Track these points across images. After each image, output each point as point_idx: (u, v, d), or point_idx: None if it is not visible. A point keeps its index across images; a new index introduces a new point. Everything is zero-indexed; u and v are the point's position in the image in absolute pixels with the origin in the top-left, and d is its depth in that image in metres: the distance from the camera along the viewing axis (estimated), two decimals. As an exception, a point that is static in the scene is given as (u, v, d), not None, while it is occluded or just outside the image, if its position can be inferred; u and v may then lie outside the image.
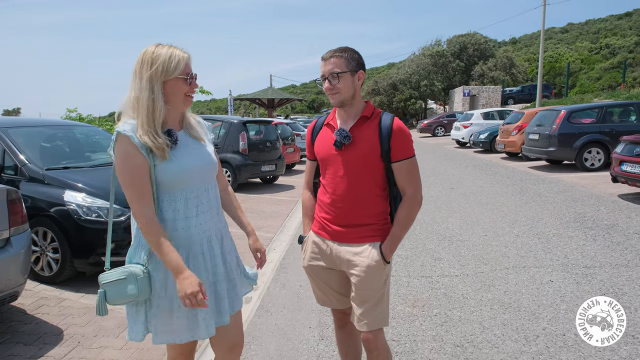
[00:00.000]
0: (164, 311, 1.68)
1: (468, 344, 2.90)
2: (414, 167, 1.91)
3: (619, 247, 4.71)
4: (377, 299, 1.92)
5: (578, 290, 3.66)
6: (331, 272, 2.04)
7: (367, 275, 1.88)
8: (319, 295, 2.15)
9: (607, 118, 10.40)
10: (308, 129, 2.12)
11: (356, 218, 1.92)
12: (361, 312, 1.91)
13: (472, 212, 6.59)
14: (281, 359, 2.80)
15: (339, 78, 1.83)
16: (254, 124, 10.01)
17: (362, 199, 1.91)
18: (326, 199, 1.97)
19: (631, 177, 6.68)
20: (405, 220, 1.91)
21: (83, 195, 3.95)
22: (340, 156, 1.90)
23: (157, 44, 1.68)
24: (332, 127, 1.96)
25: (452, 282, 3.95)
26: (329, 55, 1.87)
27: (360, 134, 1.89)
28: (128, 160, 1.59)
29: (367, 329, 1.91)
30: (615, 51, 50.57)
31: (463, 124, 18.65)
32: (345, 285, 2.04)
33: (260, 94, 28.11)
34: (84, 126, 5.84)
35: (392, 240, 1.90)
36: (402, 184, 1.92)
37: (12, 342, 2.96)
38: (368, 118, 1.91)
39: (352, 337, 2.19)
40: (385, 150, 1.86)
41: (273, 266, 4.62)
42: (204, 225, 1.73)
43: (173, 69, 1.63)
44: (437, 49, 41.94)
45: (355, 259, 1.91)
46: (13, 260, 2.93)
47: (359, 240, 1.92)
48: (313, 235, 2.08)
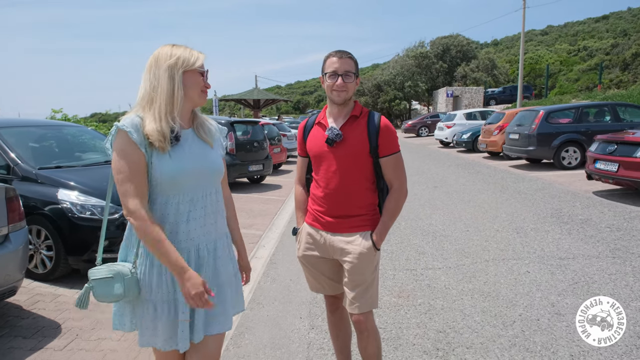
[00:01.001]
0: (149, 314, 1.63)
1: (450, 329, 3.09)
2: (399, 161, 2.08)
3: (591, 240, 4.98)
4: (368, 284, 2.07)
5: (552, 279, 3.89)
6: (324, 260, 2.18)
7: (359, 261, 2.03)
8: (312, 283, 2.30)
9: (583, 118, 10.80)
10: (300, 127, 2.24)
11: (348, 209, 2.06)
12: (353, 295, 2.06)
13: (455, 209, 6.83)
14: (274, 347, 2.95)
15: (351, 77, 1.98)
16: (241, 124, 10.12)
17: (353, 192, 2.05)
18: (319, 193, 2.11)
19: (604, 175, 7.00)
20: (393, 210, 2.07)
21: (76, 194, 4.02)
22: (331, 153, 2.03)
23: (172, 45, 1.66)
24: (323, 125, 2.09)
25: (436, 274, 4.14)
26: (345, 55, 1.99)
27: (351, 132, 2.03)
28: (125, 156, 1.53)
29: (358, 311, 2.07)
30: (592, 53, 51.96)
31: (446, 124, 19.02)
32: (337, 273, 2.20)
33: (246, 95, 28.13)
34: (73, 126, 5.89)
35: (382, 229, 2.06)
36: (389, 178, 2.08)
37: (11, 335, 3.04)
38: (357, 117, 2.06)
39: (342, 321, 2.35)
40: (374, 146, 2.01)
41: (263, 262, 4.76)
42: (193, 233, 1.63)
43: (194, 61, 1.62)
44: (420, 51, 42.51)
45: (348, 247, 2.05)
46: (12, 256, 3.02)
47: (351, 230, 2.06)
48: (307, 226, 2.21)
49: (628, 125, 9.76)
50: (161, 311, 1.61)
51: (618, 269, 4.08)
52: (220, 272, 1.71)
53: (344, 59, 1.98)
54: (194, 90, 1.64)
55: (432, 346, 2.87)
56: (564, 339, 2.89)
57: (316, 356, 2.81)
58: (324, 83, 2.04)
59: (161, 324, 1.62)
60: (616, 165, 6.76)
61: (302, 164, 2.27)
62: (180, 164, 1.58)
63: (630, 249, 4.61)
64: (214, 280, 1.69)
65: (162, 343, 1.63)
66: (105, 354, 2.82)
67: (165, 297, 1.62)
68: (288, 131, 15.78)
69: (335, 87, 1.98)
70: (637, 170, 6.46)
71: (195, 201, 1.63)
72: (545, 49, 61.80)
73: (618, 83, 32.85)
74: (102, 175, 4.38)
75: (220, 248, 1.73)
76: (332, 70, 1.97)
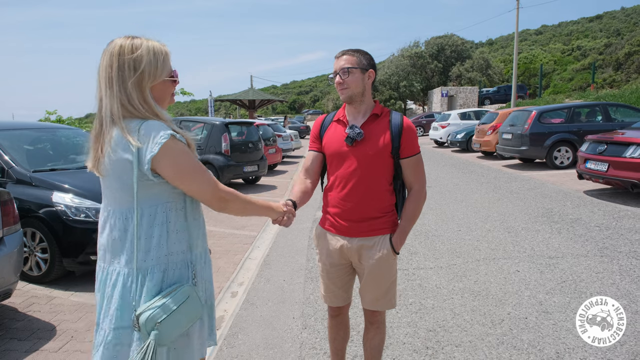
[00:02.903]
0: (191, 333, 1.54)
1: (440, 328, 3.15)
2: (420, 163, 2.06)
3: (580, 239, 5.06)
4: (387, 286, 2.09)
5: (541, 278, 3.96)
6: (340, 267, 2.13)
7: (379, 265, 2.02)
8: (329, 294, 2.20)
9: (575, 118, 10.91)
10: (316, 122, 2.19)
11: (366, 212, 2.01)
12: (374, 298, 2.08)
13: (448, 209, 6.90)
14: (267, 347, 2.99)
15: (349, 73, 1.93)
16: (236, 125, 10.15)
17: (372, 193, 2.00)
18: (336, 194, 2.05)
19: (594, 174, 7.09)
20: (413, 214, 2.05)
21: (71, 196, 4.05)
22: (351, 152, 1.98)
23: (128, 37, 1.48)
24: (343, 123, 2.04)
25: (427, 274, 4.20)
26: (342, 53, 1.99)
27: (372, 131, 1.98)
28: (189, 152, 1.49)
29: (378, 309, 2.12)
30: (586, 53, 52.25)
31: (441, 124, 19.13)
32: (349, 282, 2.19)
33: (242, 95, 28.10)
34: (67, 129, 5.90)
35: (402, 233, 2.04)
36: (409, 179, 2.05)
37: (7, 337, 3.07)
38: (378, 116, 2.01)
39: (343, 325, 2.32)
40: (396, 147, 1.97)
41: (257, 262, 4.80)
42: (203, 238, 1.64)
43: (161, 70, 1.47)
44: (415, 50, 42.67)
45: (367, 252, 2.03)
46: (6, 259, 3.05)
47: (371, 233, 2.03)
48: (322, 231, 2.16)
49: (619, 125, 9.87)
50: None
51: (605, 267, 4.16)
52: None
53: (340, 57, 1.97)
54: (164, 100, 1.59)
55: (422, 345, 2.93)
56: (550, 337, 2.96)
57: (308, 355, 2.86)
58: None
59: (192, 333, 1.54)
60: (606, 165, 6.85)
61: (312, 157, 2.15)
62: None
63: (617, 248, 4.69)
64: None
65: (196, 352, 1.58)
66: (100, 355, 2.86)
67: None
68: (283, 132, 15.80)
69: (336, 86, 1.99)
70: (626, 170, 6.55)
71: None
72: (539, 49, 62.13)
73: (611, 82, 33.09)
74: (96, 177, 4.39)
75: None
76: (333, 70, 2.00)
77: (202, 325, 1.60)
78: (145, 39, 1.49)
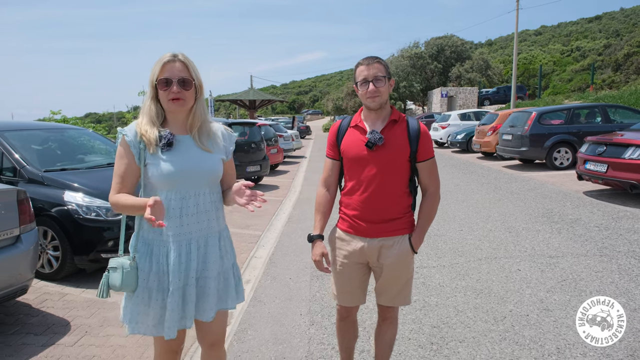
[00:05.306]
0: (143, 302, 1.77)
1: (443, 325, 3.24)
2: (434, 166, 2.15)
3: (580, 239, 5.16)
4: (404, 283, 2.19)
5: (542, 277, 4.06)
6: (358, 267, 2.19)
7: (398, 264, 2.12)
8: (342, 294, 2.23)
9: (575, 119, 11.01)
10: (332, 129, 2.23)
11: (386, 213, 2.09)
12: (391, 295, 2.18)
13: (449, 209, 6.99)
14: (276, 342, 3.08)
15: (382, 82, 2.02)
16: (238, 125, 10.24)
17: (391, 196, 2.08)
18: (357, 197, 2.11)
19: (594, 175, 7.19)
20: (429, 214, 2.15)
21: (82, 195, 4.14)
22: (371, 156, 2.04)
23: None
24: (361, 128, 2.11)
25: (430, 273, 4.29)
26: (373, 60, 2.03)
27: (391, 136, 2.06)
28: (119, 155, 1.78)
29: (393, 305, 2.22)
30: (585, 53, 52.44)
31: (441, 125, 19.22)
32: (365, 282, 2.26)
33: (242, 95, 28.17)
34: (74, 129, 5.98)
35: (420, 233, 2.14)
36: (425, 182, 2.15)
37: (23, 332, 3.16)
38: (396, 121, 2.09)
39: (353, 324, 2.39)
40: (414, 151, 2.06)
41: (263, 261, 4.89)
42: (186, 228, 1.78)
43: (152, 73, 1.75)
44: (415, 51, 42.78)
45: (387, 250, 2.11)
46: (23, 256, 3.13)
47: (390, 234, 2.11)
48: (340, 232, 2.21)
49: (618, 127, 9.98)
50: (155, 297, 1.77)
51: (605, 266, 4.25)
52: (209, 267, 1.84)
53: (372, 65, 2.02)
54: (164, 101, 1.77)
55: (427, 340, 3.02)
56: (551, 333, 3.05)
57: (317, 350, 2.95)
58: (358, 92, 2.09)
59: (152, 309, 1.77)
60: (605, 166, 6.95)
61: (330, 166, 2.22)
62: (169, 167, 1.74)
63: (616, 248, 4.79)
64: (203, 272, 1.83)
65: (150, 329, 1.79)
66: (115, 349, 2.95)
67: (158, 285, 1.77)
68: (284, 132, 15.89)
69: (368, 94, 2.02)
70: (625, 171, 6.65)
71: (187, 198, 1.78)
72: (538, 49, 62.30)
73: (610, 83, 33.25)
74: (106, 177, 4.46)
75: (211, 245, 1.85)
76: (363, 77, 2.03)
77: (171, 312, 1.75)
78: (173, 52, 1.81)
